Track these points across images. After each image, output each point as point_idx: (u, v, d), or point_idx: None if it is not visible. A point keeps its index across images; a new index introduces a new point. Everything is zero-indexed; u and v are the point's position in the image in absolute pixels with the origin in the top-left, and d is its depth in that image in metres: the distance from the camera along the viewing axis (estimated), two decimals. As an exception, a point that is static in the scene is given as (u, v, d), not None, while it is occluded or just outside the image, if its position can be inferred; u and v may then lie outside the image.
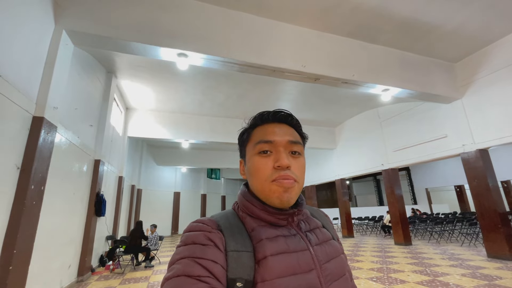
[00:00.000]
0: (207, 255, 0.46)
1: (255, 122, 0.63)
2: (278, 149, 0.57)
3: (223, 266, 0.47)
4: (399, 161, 8.10)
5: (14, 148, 2.80)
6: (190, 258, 0.46)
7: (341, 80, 4.99)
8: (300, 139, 0.62)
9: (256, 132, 0.61)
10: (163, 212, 13.85)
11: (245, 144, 0.63)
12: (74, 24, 3.56)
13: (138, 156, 11.64)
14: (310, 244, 0.56)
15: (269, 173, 0.55)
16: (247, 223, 0.56)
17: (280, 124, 0.62)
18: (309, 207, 0.70)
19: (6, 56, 2.64)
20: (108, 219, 6.71)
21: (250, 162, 0.59)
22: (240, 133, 0.66)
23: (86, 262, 4.99)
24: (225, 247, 0.50)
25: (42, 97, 3.20)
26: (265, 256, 0.49)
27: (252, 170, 0.58)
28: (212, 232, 0.51)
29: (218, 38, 4.17)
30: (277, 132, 0.59)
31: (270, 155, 0.57)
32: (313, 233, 0.60)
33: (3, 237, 2.66)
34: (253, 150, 0.59)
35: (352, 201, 21.64)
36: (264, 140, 0.58)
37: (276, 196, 0.54)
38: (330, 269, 0.54)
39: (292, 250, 0.52)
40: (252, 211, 0.57)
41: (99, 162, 5.46)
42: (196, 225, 0.53)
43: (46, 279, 3.66)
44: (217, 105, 8.23)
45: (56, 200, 3.82)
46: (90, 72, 5.19)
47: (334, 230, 0.68)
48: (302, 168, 0.59)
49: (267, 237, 0.53)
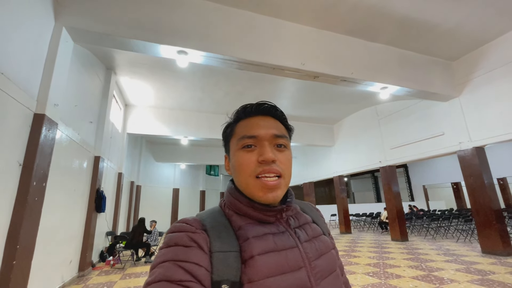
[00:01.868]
0: (190, 257, 0.44)
1: (238, 115, 0.61)
2: (263, 143, 0.55)
3: (207, 268, 0.45)
4: (397, 159, 8.17)
5: (16, 145, 2.83)
6: (172, 262, 0.44)
7: (340, 78, 5.03)
8: (285, 132, 0.60)
9: (240, 126, 0.59)
10: (162, 209, 13.91)
11: (229, 139, 0.61)
12: (74, 21, 3.57)
13: (137, 153, 11.65)
14: (299, 241, 0.54)
15: (253, 168, 0.53)
16: (233, 221, 0.54)
17: (264, 117, 0.59)
18: (299, 201, 0.68)
19: (7, 54, 2.66)
20: (108, 215, 6.76)
21: (234, 158, 0.57)
22: (223, 127, 0.64)
23: (87, 258, 5.05)
24: (210, 248, 0.48)
25: (43, 94, 3.21)
26: (252, 256, 0.47)
27: (236, 165, 0.56)
28: (196, 232, 0.49)
29: (218, 35, 4.18)
30: (261, 126, 0.56)
31: (254, 149, 0.55)
32: (302, 229, 0.57)
33: (6, 232, 2.71)
34: (236, 145, 0.57)
35: (350, 198, 21.79)
36: (248, 135, 0.55)
37: (260, 194, 0.52)
38: (320, 266, 0.53)
39: (280, 248, 0.50)
40: (239, 208, 0.55)
41: (99, 159, 5.49)
42: (180, 225, 0.51)
43: (48, 274, 3.71)
44: (217, 102, 8.24)
45: (57, 196, 3.85)
46: (90, 69, 5.19)
47: (325, 225, 0.66)
48: (288, 162, 0.56)
49: (254, 235, 0.51)
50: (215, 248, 0.48)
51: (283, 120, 0.62)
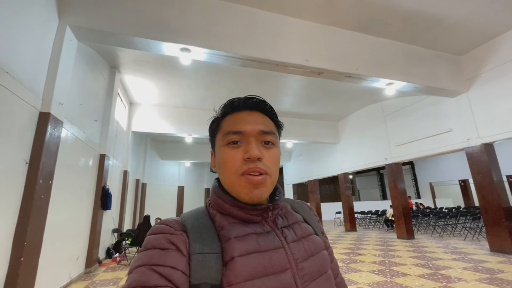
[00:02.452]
0: (165, 261, 0.43)
1: (225, 110, 0.58)
2: (248, 139, 0.52)
3: (185, 271, 0.43)
4: (403, 156, 8.07)
5: (22, 143, 2.86)
6: (147, 266, 0.42)
7: (345, 74, 4.96)
8: (274, 128, 0.57)
9: (226, 121, 0.56)
10: (167, 206, 14.05)
11: (215, 134, 0.58)
12: (78, 20, 3.58)
13: (142, 151, 11.75)
14: (286, 241, 0.51)
15: (238, 166, 0.50)
16: (216, 221, 0.51)
17: (252, 111, 0.56)
18: (290, 200, 0.65)
19: (12, 53, 2.68)
20: (114, 212, 6.83)
21: (218, 154, 0.54)
22: (210, 122, 0.61)
23: (94, 254, 5.11)
24: (189, 250, 0.46)
25: (48, 93, 3.24)
26: (232, 257, 0.45)
27: (220, 162, 0.53)
28: (175, 234, 0.47)
29: (220, 32, 4.16)
30: (248, 121, 0.54)
31: (240, 146, 0.52)
32: (290, 229, 0.54)
33: (14, 230, 2.75)
34: (222, 141, 0.54)
35: (355, 195, 21.67)
36: (233, 131, 0.53)
37: (245, 192, 0.49)
38: (307, 268, 0.50)
39: (264, 249, 0.48)
40: (223, 208, 0.52)
41: (104, 157, 5.54)
42: (159, 227, 0.49)
43: (55, 271, 3.77)
44: (220, 100, 7.94)
45: (63, 194, 3.90)
46: (94, 68, 5.22)
47: (318, 224, 0.63)
48: (275, 160, 0.53)
49: (236, 235, 0.48)
50: (194, 250, 0.45)
51: (272, 116, 0.59)
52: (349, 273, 4.42)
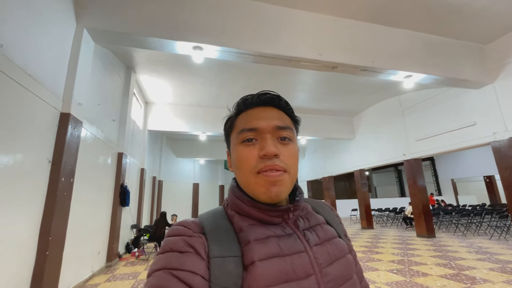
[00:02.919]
0: (184, 265, 0.41)
1: (239, 108, 0.56)
2: (264, 136, 0.50)
3: (204, 276, 0.41)
4: (423, 151, 7.75)
5: (45, 143, 2.99)
6: (166, 270, 0.41)
7: (360, 67, 4.81)
8: (290, 123, 0.55)
9: (240, 119, 0.54)
10: (183, 202, 14.34)
11: (229, 133, 0.57)
12: (94, 22, 3.68)
13: (158, 149, 12.02)
14: (309, 245, 0.48)
15: (254, 164, 0.48)
16: (235, 223, 0.49)
17: (267, 107, 0.54)
18: (311, 200, 0.63)
19: (34, 57, 2.79)
20: (132, 209, 7.05)
21: (234, 153, 0.53)
22: (224, 121, 0.59)
23: (114, 249, 5.31)
24: (208, 253, 0.44)
25: (68, 94, 3.36)
26: (252, 261, 0.43)
27: (236, 161, 0.51)
28: (193, 236, 0.45)
29: (232, 29, 4.14)
30: (263, 117, 0.52)
31: (255, 143, 0.50)
32: (312, 231, 0.52)
33: (40, 225, 2.89)
34: (236, 139, 0.52)
35: (372, 192, 21.16)
36: (248, 128, 0.51)
37: (262, 191, 0.47)
38: (332, 273, 0.47)
39: (285, 253, 0.45)
40: (241, 208, 0.50)
41: (122, 155, 5.71)
42: (176, 228, 0.47)
43: (78, 264, 3.95)
44: (233, 98, 7.97)
45: (84, 191, 4.05)
46: (111, 68, 5.37)
47: (341, 226, 0.60)
48: (293, 156, 0.51)
49: (256, 238, 0.46)
50: (213, 253, 0.44)
51: (288, 111, 0.56)
52: (366, 272, 4.32)
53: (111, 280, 4.30)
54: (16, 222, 2.54)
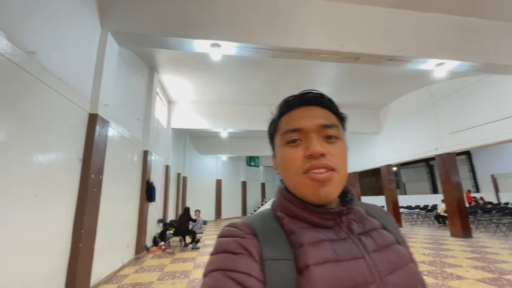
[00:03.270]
0: (239, 266, 0.41)
1: (281, 110, 0.56)
2: (309, 135, 0.49)
3: (259, 278, 0.40)
4: (457, 145, 7.18)
5: (76, 142, 3.19)
6: (221, 271, 0.41)
7: (386, 57, 4.53)
8: (336, 121, 0.53)
9: (283, 121, 0.54)
10: (207, 198, 14.69)
11: (273, 136, 0.57)
12: (117, 26, 3.83)
13: (181, 146, 12.38)
14: (366, 251, 0.45)
15: (299, 164, 0.47)
16: (285, 225, 0.48)
17: (310, 107, 0.53)
18: (363, 203, 0.60)
19: (64, 61, 2.97)
20: (158, 204, 7.35)
21: (278, 155, 0.53)
22: (268, 124, 0.59)
23: (142, 242, 5.58)
24: (261, 255, 0.43)
25: (95, 95, 3.54)
26: (307, 265, 0.41)
27: (281, 163, 0.51)
28: (245, 238, 0.45)
29: (248, 24, 4.09)
30: (306, 117, 0.51)
31: (300, 144, 0.49)
32: (369, 237, 0.48)
33: (73, 219, 3.10)
34: (280, 141, 0.52)
35: (401, 188, 20.14)
36: (291, 129, 0.50)
37: (310, 191, 0.46)
38: (394, 283, 0.43)
39: (341, 258, 0.43)
40: (291, 211, 0.49)
41: (147, 153, 5.95)
42: (228, 229, 0.47)
43: (109, 256, 4.20)
44: (253, 93, 8.23)
45: (113, 187, 4.28)
46: (134, 70, 5.59)
47: (398, 231, 0.55)
48: (341, 155, 0.49)
49: (309, 241, 0.44)
50: (266, 256, 0.43)
51: (333, 108, 0.55)
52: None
53: (139, 271, 4.52)
54: (53, 216, 2.74)
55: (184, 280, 4.01)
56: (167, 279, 4.08)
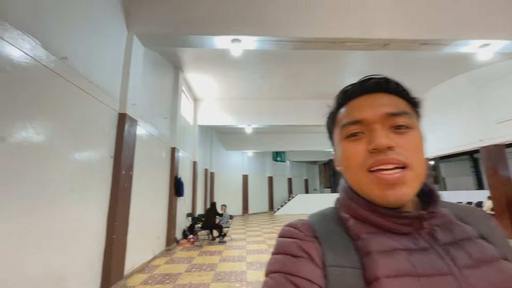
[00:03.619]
0: (300, 271, 0.38)
1: (339, 101, 0.50)
2: (372, 127, 0.42)
3: (322, 286, 0.37)
4: (506, 136, 6.42)
5: (107, 140, 3.40)
6: (282, 274, 0.38)
7: (419, 41, 4.16)
8: (407, 107, 0.45)
9: (342, 113, 0.48)
10: (234, 193, 14.97)
11: (332, 130, 0.51)
12: (141, 28, 3.98)
13: (208, 142, 12.70)
14: (455, 265, 0.36)
15: (361, 160, 0.41)
16: (351, 228, 0.43)
17: (373, 95, 0.45)
18: (452, 204, 0.49)
19: (94, 65, 3.16)
20: (187, 199, 7.64)
21: (338, 151, 0.47)
22: (326, 119, 0.53)
23: (172, 235, 5.85)
24: (323, 260, 0.39)
25: (123, 95, 3.74)
26: (376, 277, 0.35)
27: (341, 159, 0.45)
28: (305, 240, 0.42)
29: (267, 16, 4.00)
30: (368, 106, 0.44)
31: (362, 137, 0.43)
32: (460, 248, 0.39)
33: (107, 212, 3.33)
34: (339, 136, 0.46)
35: (440, 184, 18.68)
36: (351, 121, 0.44)
37: (376, 194, 0.39)
38: None
39: (421, 272, 0.35)
40: (358, 212, 0.43)
41: (174, 149, 6.19)
42: (288, 229, 0.45)
43: (141, 247, 4.46)
44: (276, 88, 8.12)
45: (142, 183, 4.51)
46: (160, 69, 5.80)
47: (506, 242, 0.44)
48: (415, 147, 0.41)
49: (379, 249, 0.38)
50: (329, 261, 0.39)
51: (402, 93, 0.46)
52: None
53: (169, 262, 4.75)
54: (88, 209, 2.96)
55: (210, 273, 4.12)
56: (194, 271, 4.23)
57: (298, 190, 20.37)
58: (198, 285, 3.58)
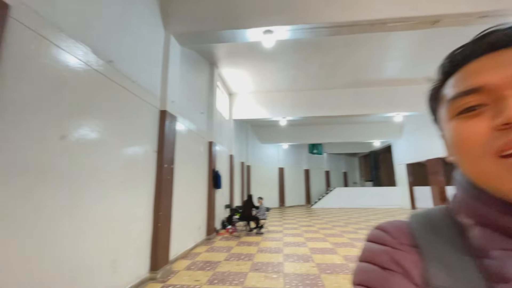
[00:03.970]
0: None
1: (445, 70, 0.37)
2: (500, 94, 0.29)
3: None
4: None
5: (151, 136, 3.66)
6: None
7: (477, 14, 3.64)
8: None
9: (450, 84, 0.35)
10: (270, 186, 15.07)
11: (436, 110, 0.40)
12: (177, 28, 4.15)
13: (244, 136, 12.91)
14: None
15: (484, 141, 0.29)
16: (474, 239, 0.32)
17: (498, 52, 0.31)
18: None
19: (137, 66, 3.40)
20: (225, 191, 7.91)
21: (447, 134, 0.35)
22: (427, 98, 0.42)
23: (211, 225, 6.14)
24: (426, 278, 0.31)
25: (163, 93, 3.97)
26: None
27: (453, 144, 0.33)
28: (399, 249, 0.34)
29: (299, 3, 3.85)
30: (491, 67, 0.31)
31: (484, 110, 0.30)
32: None
33: (153, 202, 3.61)
34: (448, 114, 0.34)
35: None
36: (465, 90, 0.32)
37: (509, 187, 0.27)
38: None
39: None
40: (487, 218, 0.31)
41: (211, 143, 6.42)
42: (377, 233, 0.37)
43: (184, 236, 4.76)
44: (311, 78, 7.85)
45: (183, 175, 4.78)
46: (196, 67, 6.01)
47: None
48: None
49: None
50: (436, 281, 0.30)
51: None
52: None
53: (210, 251, 5.00)
54: (136, 199, 3.24)
55: (248, 262, 4.23)
56: (232, 260, 4.39)
57: (337, 183, 19.70)
58: (236, 273, 3.71)
